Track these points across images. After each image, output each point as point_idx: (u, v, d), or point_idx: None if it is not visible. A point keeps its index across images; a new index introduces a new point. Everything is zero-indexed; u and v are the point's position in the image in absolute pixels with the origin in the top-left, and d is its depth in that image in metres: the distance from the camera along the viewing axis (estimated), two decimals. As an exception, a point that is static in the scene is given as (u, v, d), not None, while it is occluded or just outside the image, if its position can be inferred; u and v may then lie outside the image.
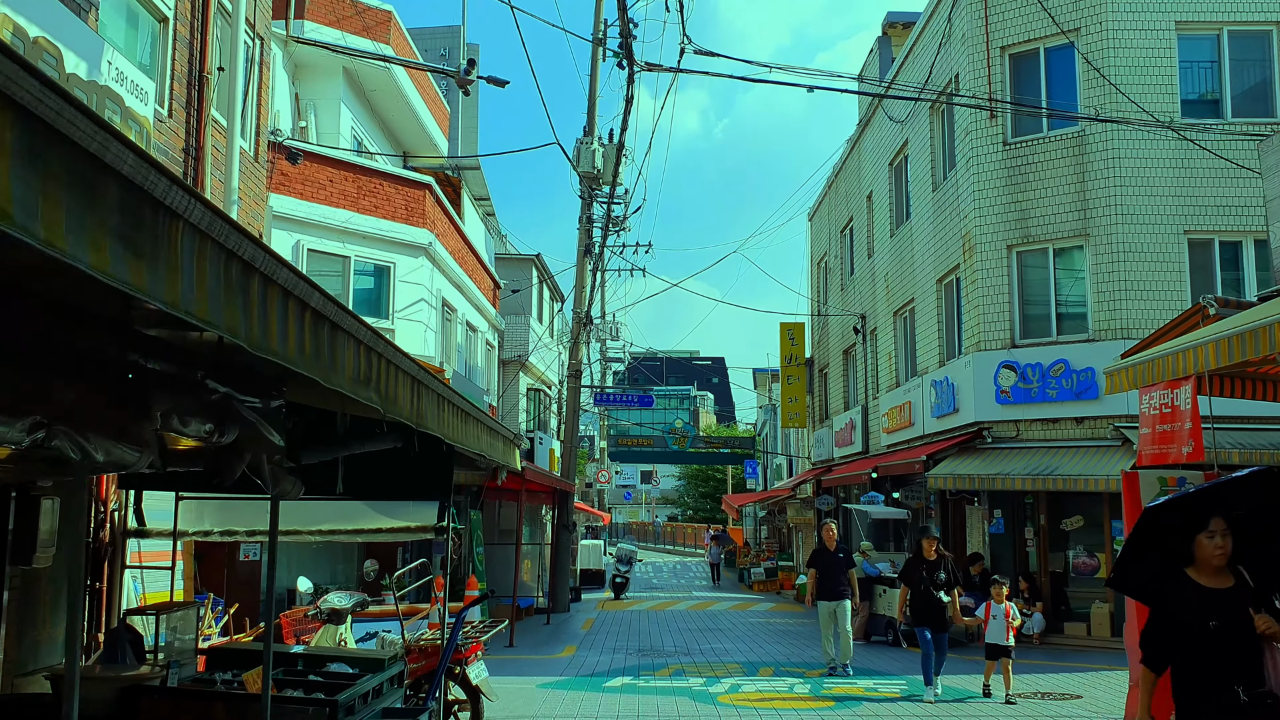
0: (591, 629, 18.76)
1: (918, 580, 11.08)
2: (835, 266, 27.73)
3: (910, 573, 11.27)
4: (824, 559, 12.46)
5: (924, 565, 11.07)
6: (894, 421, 20.74)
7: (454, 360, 19.49)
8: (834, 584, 12.39)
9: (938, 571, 11.05)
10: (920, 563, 11.15)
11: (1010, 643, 10.65)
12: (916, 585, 11.10)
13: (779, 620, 20.76)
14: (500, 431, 6.52)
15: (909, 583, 11.24)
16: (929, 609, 10.98)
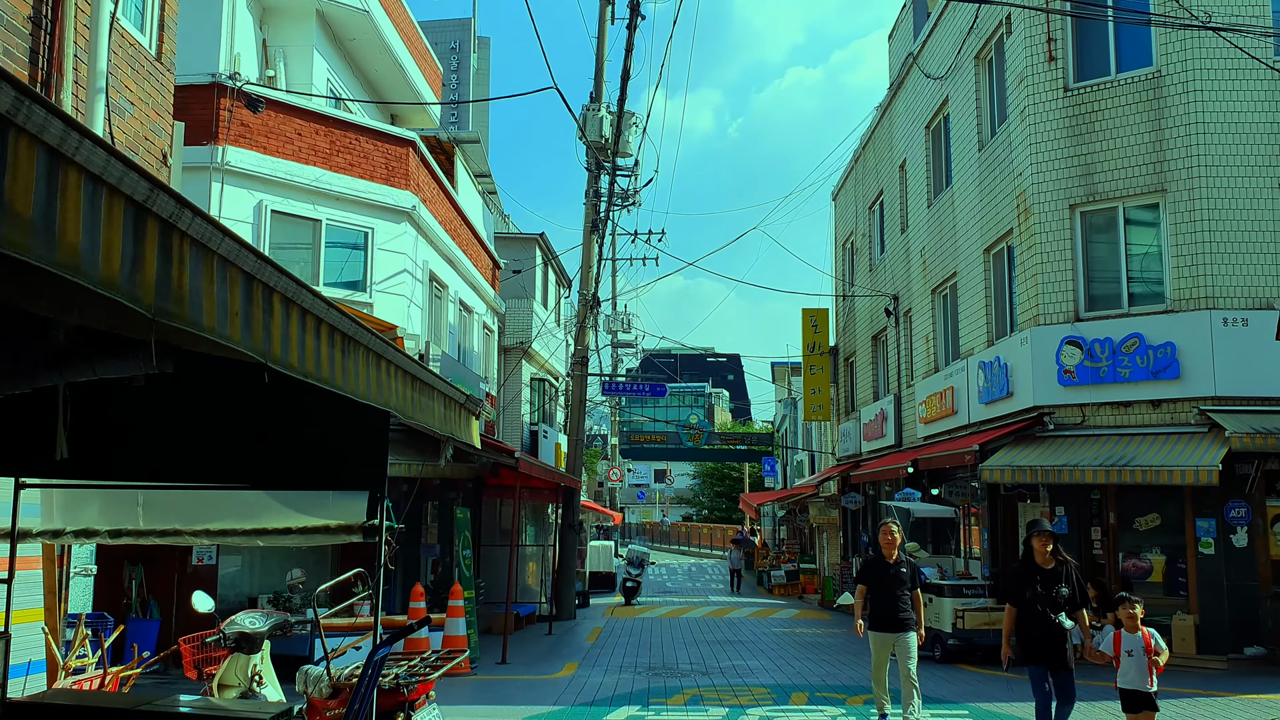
0: (598, 640, 16.80)
1: (1027, 597, 7.78)
2: (863, 246, 25.69)
3: (1015, 586, 7.97)
4: (880, 573, 8.78)
5: (1036, 575, 7.82)
6: (933, 410, 18.71)
7: (444, 342, 17.57)
8: (893, 608, 8.64)
9: (1057, 585, 7.77)
10: (1030, 572, 7.88)
11: (1154, 688, 7.28)
12: (1027, 604, 7.75)
13: (805, 630, 18.75)
14: (444, 391, 4.59)
15: (1014, 601, 7.91)
16: (1046, 639, 7.66)
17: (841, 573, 25.69)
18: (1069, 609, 7.76)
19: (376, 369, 3.74)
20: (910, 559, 9.03)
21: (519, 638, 17.13)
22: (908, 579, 8.82)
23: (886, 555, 8.86)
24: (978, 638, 13.45)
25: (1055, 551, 7.96)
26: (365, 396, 3.68)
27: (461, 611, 12.45)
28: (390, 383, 3.85)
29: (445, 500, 18.55)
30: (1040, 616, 7.68)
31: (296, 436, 5.30)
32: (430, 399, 4.36)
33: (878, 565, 8.92)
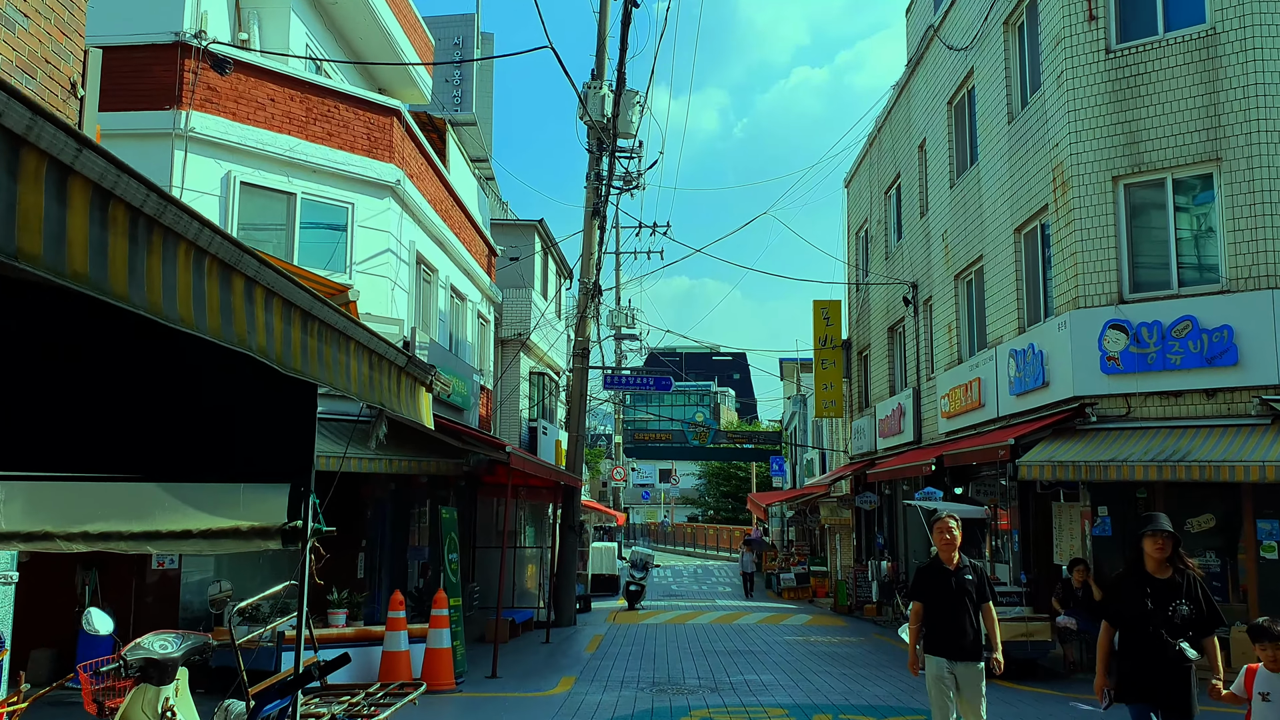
0: (598, 650, 15.61)
1: (1134, 615, 5.77)
2: (878, 233, 24.48)
3: (1121, 602, 5.88)
4: (938, 584, 6.88)
5: (1147, 588, 5.77)
6: (957, 404, 17.49)
7: (433, 329, 16.39)
8: (956, 628, 6.74)
9: (1176, 601, 5.73)
10: (1139, 583, 5.80)
11: None
12: (1134, 625, 5.77)
13: (821, 638, 17.54)
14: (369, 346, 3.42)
15: (1115, 619, 5.91)
16: (1160, 672, 5.70)
17: (855, 576, 24.48)
18: (1194, 633, 5.70)
19: (248, 300, 2.56)
20: (974, 563, 7.10)
21: (514, 647, 15.95)
22: (974, 589, 6.86)
23: (945, 560, 6.98)
24: (1014, 650, 12.21)
25: (1174, 558, 5.83)
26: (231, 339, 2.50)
27: (446, 622, 11.28)
28: (268, 321, 2.66)
29: (435, 500, 17.37)
30: (1152, 641, 5.67)
31: (196, 413, 4.13)
32: (343, 352, 3.17)
33: (935, 574, 6.98)
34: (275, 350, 2.70)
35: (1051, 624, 12.41)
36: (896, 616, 20.66)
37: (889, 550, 23.34)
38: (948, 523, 7.09)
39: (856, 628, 20.13)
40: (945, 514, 7.13)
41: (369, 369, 3.42)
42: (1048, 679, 12.38)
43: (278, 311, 2.73)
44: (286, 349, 2.75)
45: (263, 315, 2.62)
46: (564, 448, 24.84)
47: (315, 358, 2.91)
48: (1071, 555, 13.84)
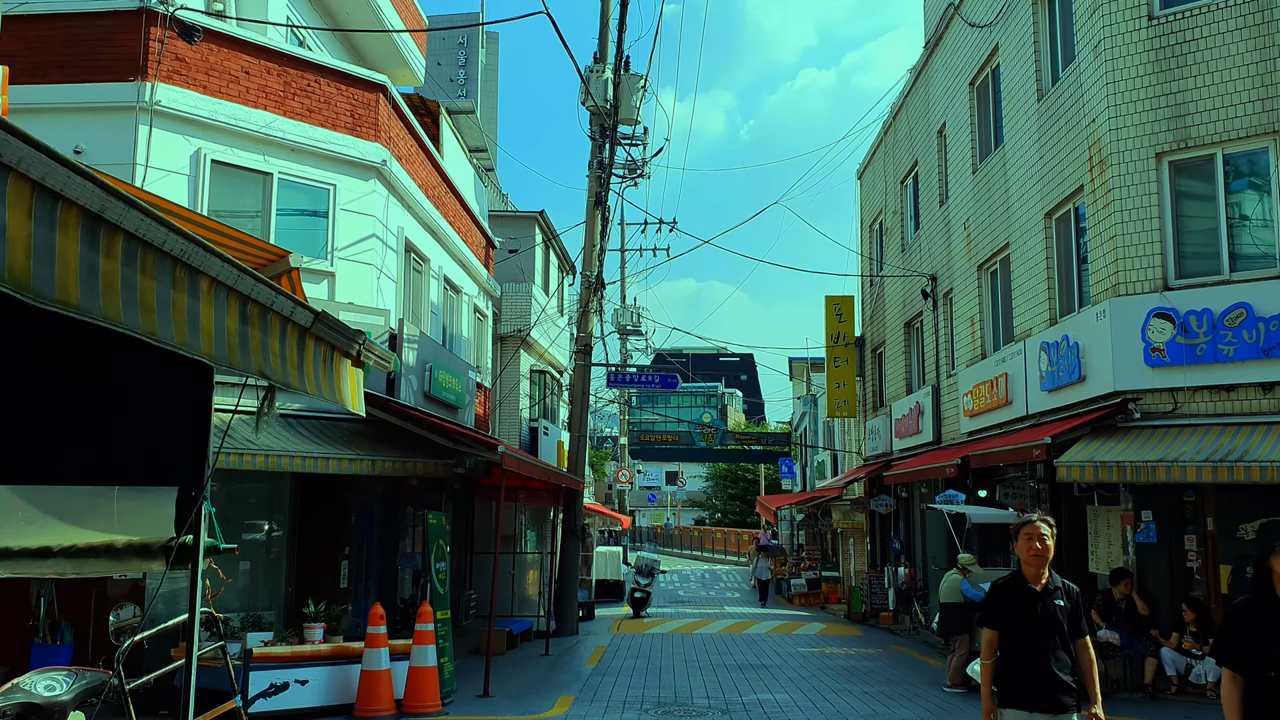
0: (600, 664, 14.62)
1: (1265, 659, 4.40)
2: (894, 225, 23.46)
3: (1242, 638, 4.51)
4: (1021, 609, 5.10)
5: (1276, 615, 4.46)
6: (981, 401, 16.47)
7: (425, 322, 15.42)
8: (1040, 671, 5.01)
9: None
10: (1269, 614, 4.47)
11: None
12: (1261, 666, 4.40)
13: (837, 651, 16.52)
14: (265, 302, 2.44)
15: (1242, 666, 4.47)
16: None
17: (870, 582, 23.46)
18: None
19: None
20: (1067, 584, 5.23)
21: (511, 660, 14.97)
22: (1066, 617, 5.07)
23: (1031, 576, 5.11)
24: (1053, 668, 11.21)
25: None
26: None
27: (431, 638, 10.28)
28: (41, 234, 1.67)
29: (428, 503, 16.39)
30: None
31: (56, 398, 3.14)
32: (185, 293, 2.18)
33: (1016, 595, 5.12)
34: (52, 281, 1.71)
35: (1093, 639, 11.37)
36: (914, 625, 19.65)
37: (906, 556, 22.31)
38: (1039, 528, 5.14)
39: (873, 638, 19.10)
40: (1036, 517, 5.25)
41: (240, 323, 2.44)
42: (1089, 699, 11.35)
43: (66, 222, 1.75)
44: (69, 278, 1.76)
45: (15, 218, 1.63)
46: (566, 449, 23.86)
47: (122, 295, 1.92)
48: (1110, 563, 12.81)
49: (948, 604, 12.56)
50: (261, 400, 3.46)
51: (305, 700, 9.77)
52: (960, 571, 12.68)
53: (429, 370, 14.31)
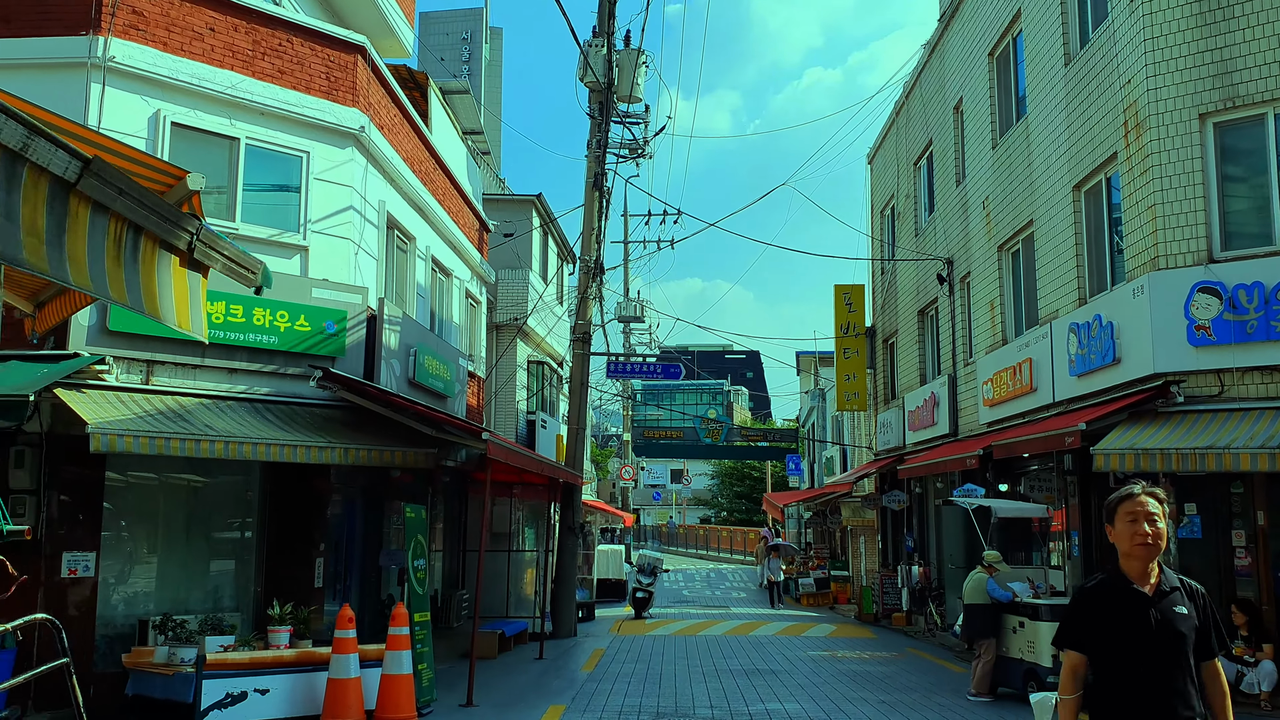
0: (597, 668, 13.68)
1: None
2: (906, 209, 22.47)
3: None
4: (1126, 620, 3.63)
5: None
6: (1002, 389, 15.48)
7: (410, 304, 14.48)
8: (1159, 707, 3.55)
9: None
10: None
11: None
12: None
13: (850, 654, 15.55)
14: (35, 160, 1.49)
15: None
16: None
17: (882, 581, 22.48)
18: None
19: None
20: (1191, 584, 3.78)
21: (501, 665, 14.03)
22: (1192, 631, 3.66)
23: (1135, 573, 3.71)
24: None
25: None
26: None
27: (406, 642, 9.33)
28: None
29: (415, 497, 15.46)
30: None
31: None
32: None
33: (1115, 601, 3.69)
34: None
35: (1133, 644, 10.40)
36: (929, 627, 18.68)
37: (920, 554, 21.33)
38: (1144, 504, 3.69)
39: (886, 640, 18.13)
40: (1141, 489, 3.74)
41: None
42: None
43: None
44: None
45: None
46: (566, 443, 22.93)
47: None
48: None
49: (973, 605, 11.59)
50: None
51: (265, 711, 8.83)
52: (986, 570, 11.70)
53: (413, 355, 13.37)
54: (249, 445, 9.61)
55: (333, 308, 11.47)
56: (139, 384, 10.23)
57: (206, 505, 11.24)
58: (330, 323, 11.41)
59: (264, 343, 10.92)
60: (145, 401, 9.94)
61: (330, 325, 11.42)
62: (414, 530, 10.51)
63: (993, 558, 11.84)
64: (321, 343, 11.31)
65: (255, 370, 10.98)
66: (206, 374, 10.70)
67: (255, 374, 10.99)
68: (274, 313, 10.96)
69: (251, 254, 3.71)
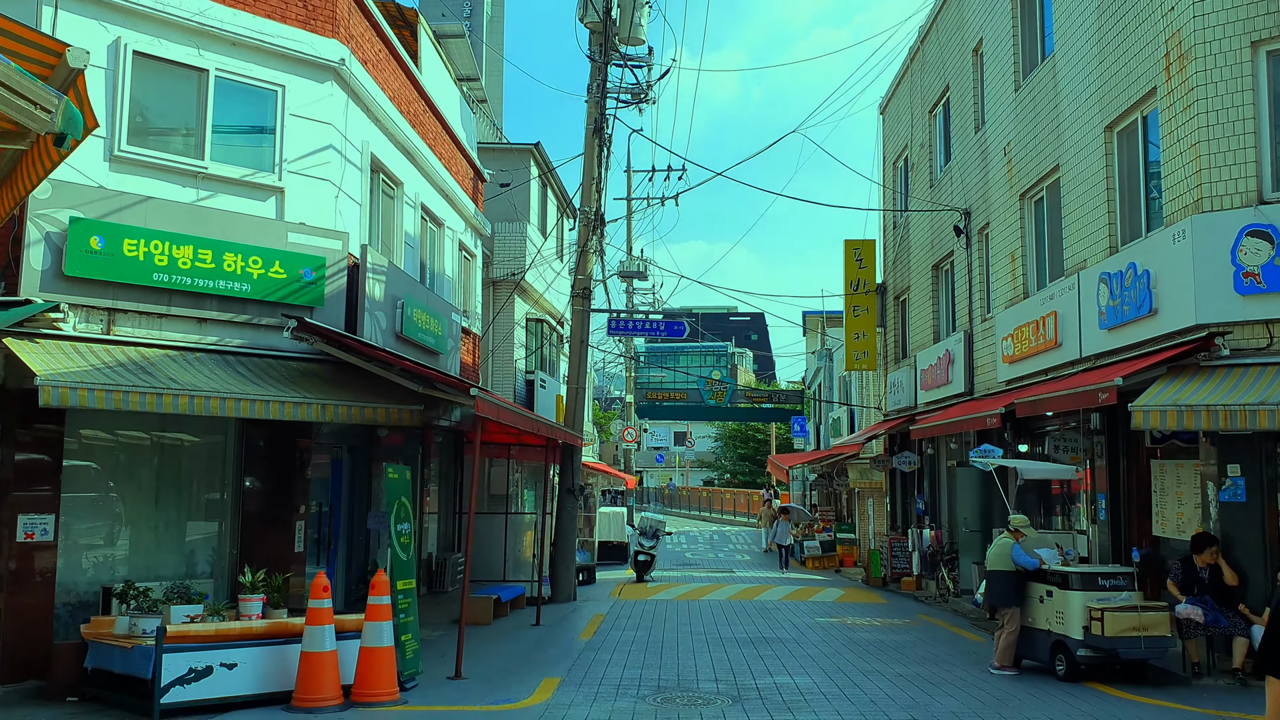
0: (595, 636, 13.03)
1: None
2: (921, 159, 21.54)
3: None
4: None
5: None
6: (1023, 345, 14.69)
7: (398, 254, 13.67)
8: None
9: None
10: None
11: None
12: None
13: (860, 621, 14.89)
14: None
15: None
16: None
17: (890, 545, 21.84)
18: None
19: None
20: None
21: (496, 632, 13.39)
22: None
23: None
24: (1123, 648, 9.52)
25: None
26: None
27: (386, 613, 8.63)
28: None
29: (408, 459, 14.79)
30: None
31: None
32: None
33: None
34: None
35: (1170, 615, 9.69)
36: (941, 593, 18.05)
37: (931, 517, 20.67)
38: None
39: (897, 605, 17.49)
40: None
41: None
42: (1164, 684, 9.69)
43: None
44: None
45: None
46: (565, 403, 22.20)
47: None
48: (1180, 526, 11.11)
49: (995, 572, 10.87)
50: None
51: (232, 688, 8.16)
52: (1011, 535, 10.97)
53: (401, 307, 12.58)
54: (216, 400, 8.87)
55: (310, 254, 10.67)
56: (99, 334, 9.46)
57: (179, 465, 10.52)
58: (308, 270, 10.62)
59: (236, 290, 10.14)
60: (105, 353, 9.18)
61: (308, 272, 10.62)
62: (396, 492, 9.79)
63: (1019, 522, 11.11)
64: (298, 291, 10.52)
65: (227, 321, 10.21)
66: (174, 324, 9.93)
67: (227, 325, 10.22)
68: (246, 258, 10.16)
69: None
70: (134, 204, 9.58)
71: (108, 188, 9.55)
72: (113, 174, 9.68)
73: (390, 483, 9.76)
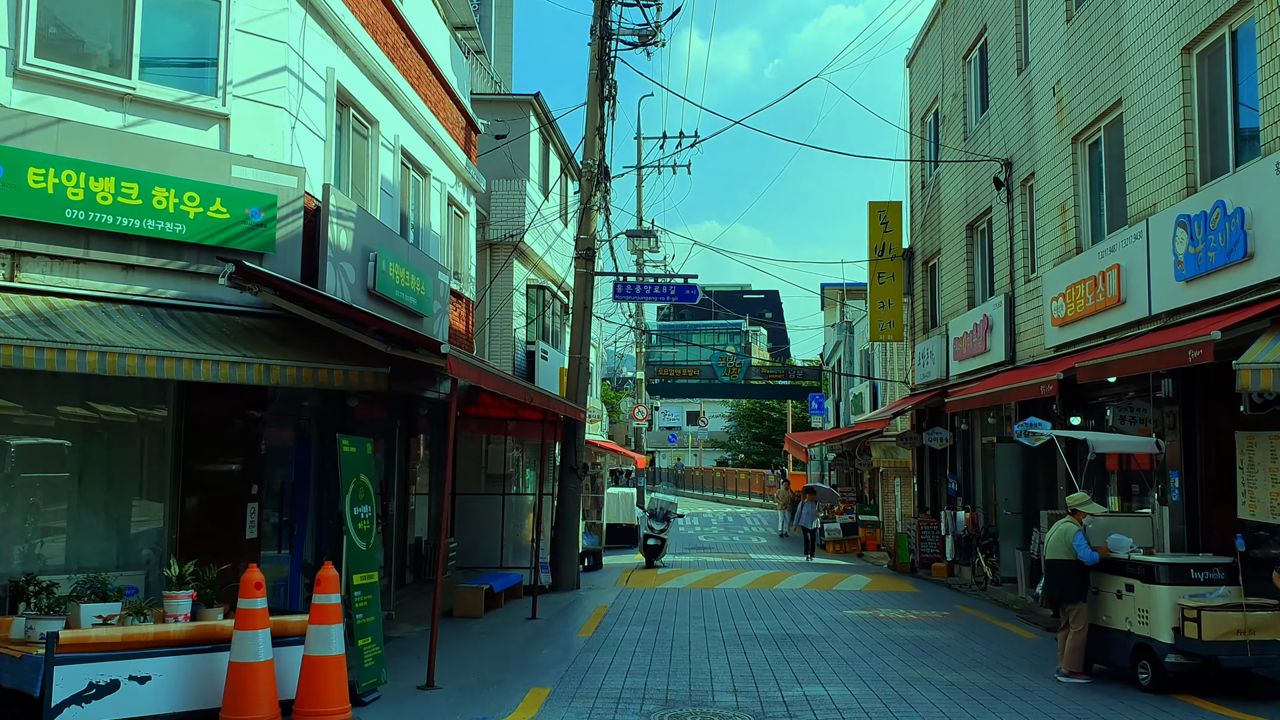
0: (597, 632, 11.55)
1: None
2: (954, 110, 19.83)
3: None
4: None
5: None
6: (1078, 305, 13.06)
7: (373, 201, 12.12)
8: None
9: None
10: None
11: None
12: None
13: (893, 613, 13.36)
14: None
15: None
16: None
17: (919, 528, 20.29)
18: None
19: None
20: None
21: (485, 626, 11.92)
22: None
23: None
24: (1224, 655, 7.95)
25: None
26: None
27: (336, 614, 7.12)
28: None
29: (387, 433, 13.34)
30: None
31: None
32: None
33: None
34: None
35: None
36: (978, 580, 16.52)
37: (964, 498, 19.10)
38: None
39: (931, 595, 15.97)
40: None
41: None
42: (1274, 698, 8.12)
43: None
44: None
45: None
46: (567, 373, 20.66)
47: None
48: (1274, 505, 9.51)
49: (1057, 561, 9.32)
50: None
51: (144, 706, 6.67)
52: (1073, 518, 9.38)
53: (374, 260, 11.04)
54: (133, 358, 7.35)
55: (259, 190, 9.13)
56: (1, 280, 7.96)
57: (112, 441, 9.02)
58: (255, 210, 9.08)
59: (168, 232, 8.61)
60: (4, 302, 7.67)
61: (255, 213, 9.08)
62: (354, 468, 8.28)
63: (1077, 501, 9.52)
64: (244, 235, 8.99)
65: (158, 268, 8.68)
66: (94, 270, 8.41)
67: (158, 272, 8.70)
68: (180, 194, 8.63)
69: None
70: (43, 127, 8.05)
71: (10, 107, 8.03)
72: (17, 91, 8.14)
73: (346, 457, 8.24)
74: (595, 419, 28.64)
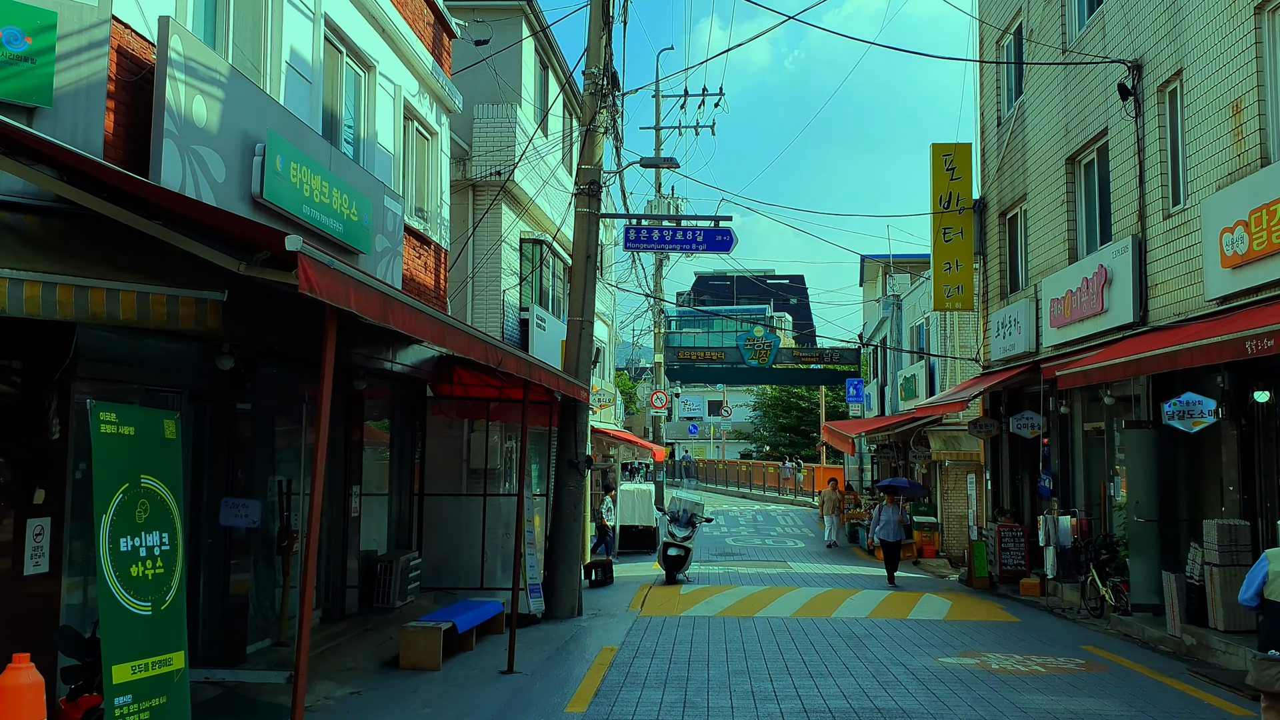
0: (594, 703, 7.89)
1: None
2: (1047, 21, 15.98)
3: None
4: None
5: None
6: (1265, 239, 9.30)
7: (272, 81, 8.45)
8: None
9: None
10: None
11: None
12: None
13: (1009, 662, 9.61)
14: None
15: None
16: None
17: (999, 534, 16.56)
18: None
19: None
20: None
21: (434, 691, 8.29)
22: None
23: None
24: None
25: None
26: None
27: None
28: None
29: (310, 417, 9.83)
30: None
31: None
32: None
33: None
34: None
35: None
36: (1090, 604, 12.85)
37: (1061, 498, 15.37)
38: None
39: (1037, 626, 12.28)
40: None
41: None
42: None
43: None
44: None
45: None
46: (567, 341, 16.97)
47: None
48: None
49: None
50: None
51: None
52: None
53: (261, 154, 7.41)
54: None
55: (26, 2, 5.52)
56: None
57: None
58: (14, 31, 5.46)
59: None
60: None
61: (15, 37, 5.46)
62: (126, 465, 4.60)
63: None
64: (-8, 72, 5.37)
65: None
66: None
67: None
68: None
69: None
70: None
71: None
72: None
73: (97, 441, 4.55)
74: (606, 403, 24.99)
